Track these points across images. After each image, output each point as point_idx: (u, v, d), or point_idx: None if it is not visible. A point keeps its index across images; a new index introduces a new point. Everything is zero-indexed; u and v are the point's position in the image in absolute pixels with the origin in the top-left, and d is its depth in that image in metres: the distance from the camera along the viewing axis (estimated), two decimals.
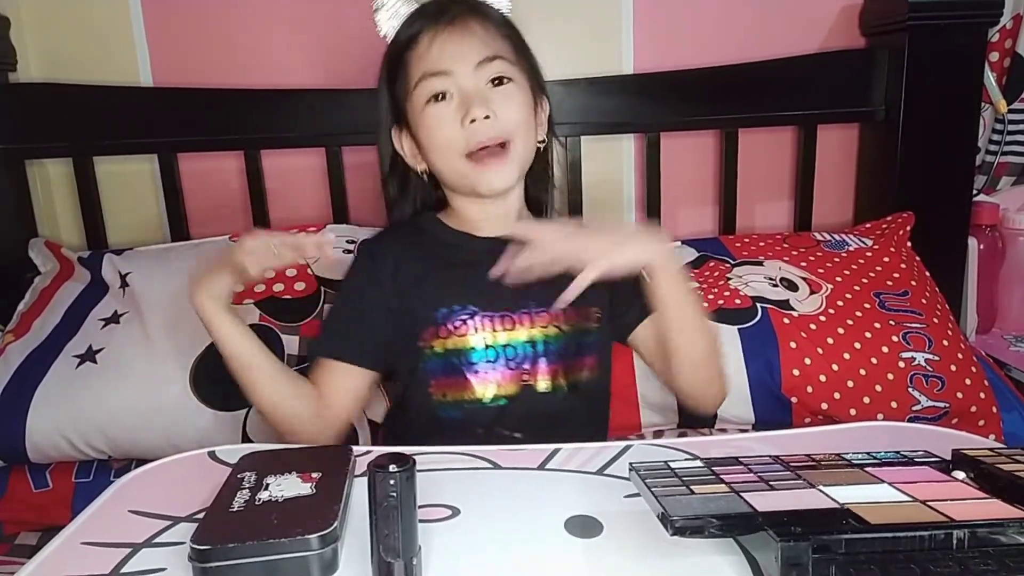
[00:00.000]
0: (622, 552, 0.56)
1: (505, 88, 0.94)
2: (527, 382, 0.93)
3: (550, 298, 0.92)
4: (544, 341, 0.94)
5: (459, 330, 0.93)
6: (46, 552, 0.58)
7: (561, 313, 0.94)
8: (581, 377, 0.95)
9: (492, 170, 0.93)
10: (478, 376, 0.93)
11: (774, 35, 1.43)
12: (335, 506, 0.56)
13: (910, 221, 1.32)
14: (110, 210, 1.44)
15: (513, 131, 0.93)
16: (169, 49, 1.42)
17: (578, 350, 0.95)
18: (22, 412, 1.07)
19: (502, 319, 0.93)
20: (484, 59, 0.92)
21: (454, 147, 0.93)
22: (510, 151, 0.93)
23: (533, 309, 0.94)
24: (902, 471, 0.62)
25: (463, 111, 0.91)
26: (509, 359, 0.93)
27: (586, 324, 0.96)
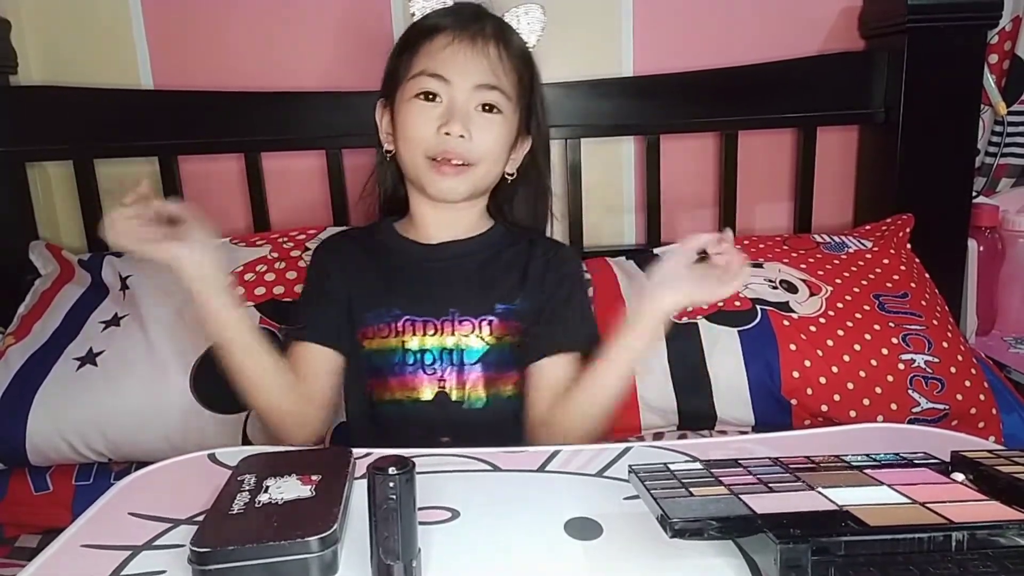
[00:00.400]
0: (622, 554, 0.56)
1: (491, 117, 0.95)
2: (442, 389, 0.94)
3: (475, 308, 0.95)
4: (463, 351, 0.94)
5: (382, 331, 0.95)
6: (46, 555, 0.58)
7: (487, 324, 0.94)
8: (504, 392, 0.95)
9: (447, 180, 0.94)
10: (397, 378, 0.94)
11: (774, 37, 1.44)
12: (335, 508, 0.56)
13: (910, 223, 1.32)
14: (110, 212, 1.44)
15: (480, 158, 0.95)
16: (169, 51, 1.42)
17: (501, 363, 0.95)
18: (22, 415, 1.07)
19: (424, 324, 0.94)
20: (484, 84, 0.94)
21: (422, 145, 0.94)
22: (470, 172, 0.95)
23: (457, 317, 0.95)
24: (901, 473, 0.62)
25: (444, 120, 0.93)
26: (427, 364, 0.94)
27: (512, 339, 0.96)
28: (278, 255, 1.24)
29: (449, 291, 0.96)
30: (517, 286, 0.97)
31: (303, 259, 1.23)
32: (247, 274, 1.21)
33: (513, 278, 0.98)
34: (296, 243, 1.27)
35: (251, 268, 1.22)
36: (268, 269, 1.22)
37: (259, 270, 1.21)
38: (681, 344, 1.13)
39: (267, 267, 1.22)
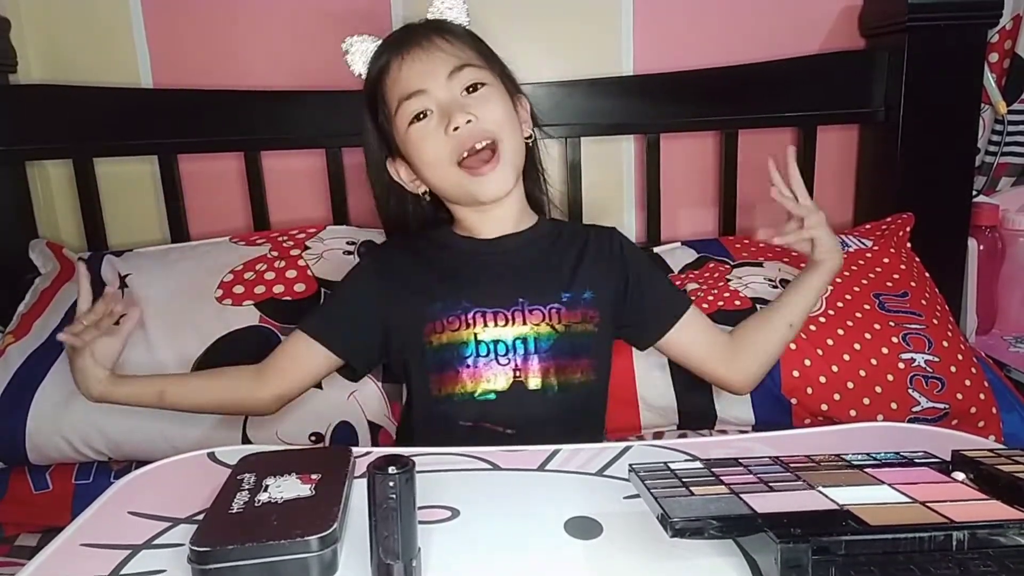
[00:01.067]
0: (622, 553, 0.56)
1: (480, 92, 0.96)
2: (518, 379, 0.94)
3: (543, 296, 0.95)
4: (535, 339, 0.94)
5: (452, 324, 0.95)
6: (46, 553, 0.58)
7: (555, 312, 0.95)
8: (574, 378, 0.96)
9: (488, 177, 0.94)
10: (468, 370, 0.94)
11: (774, 36, 1.44)
12: (334, 508, 0.56)
13: (910, 222, 1.32)
14: (110, 211, 1.44)
15: (497, 130, 0.95)
16: (169, 50, 1.42)
17: (572, 351, 0.96)
18: (22, 413, 1.07)
19: (495, 315, 0.94)
20: (454, 69, 0.94)
21: (443, 157, 0.94)
22: (500, 153, 0.95)
23: (526, 306, 0.95)
24: (902, 472, 0.62)
25: (445, 121, 0.93)
26: (500, 355, 0.94)
27: (582, 326, 0.97)
28: (278, 254, 1.24)
29: (514, 281, 0.97)
30: (576, 274, 0.98)
31: (303, 258, 1.23)
32: (247, 273, 1.21)
33: (570, 266, 0.99)
34: (296, 242, 1.27)
35: (251, 267, 1.22)
36: (268, 268, 1.21)
37: (259, 269, 1.21)
38: None
39: (267, 266, 1.22)
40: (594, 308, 0.97)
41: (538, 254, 1.01)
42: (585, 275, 0.99)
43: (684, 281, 1.24)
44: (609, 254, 1.02)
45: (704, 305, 1.16)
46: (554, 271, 0.99)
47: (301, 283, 1.19)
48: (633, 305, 1.01)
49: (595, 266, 1.00)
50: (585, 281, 0.98)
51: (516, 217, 1.02)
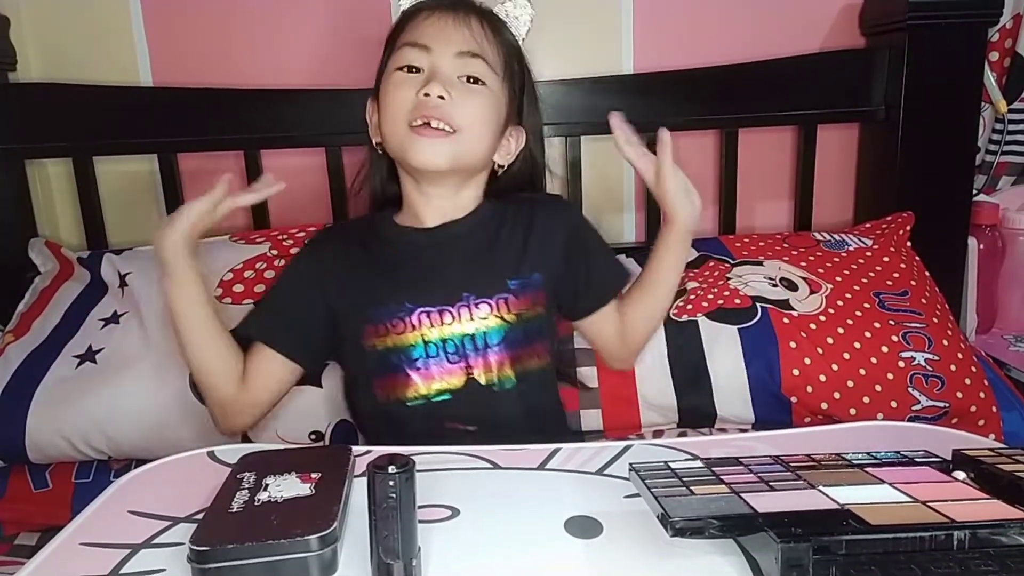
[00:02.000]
0: (622, 553, 0.56)
1: (475, 88, 0.92)
2: (471, 375, 0.91)
3: (490, 288, 0.92)
4: (485, 334, 0.92)
5: (396, 328, 0.91)
6: (45, 552, 0.58)
7: (504, 303, 0.92)
8: (531, 366, 0.94)
9: (427, 142, 0.90)
10: (419, 372, 0.91)
11: (774, 35, 1.43)
12: (334, 507, 0.56)
13: (910, 221, 1.32)
14: (110, 210, 1.44)
15: (463, 125, 0.90)
16: (169, 49, 1.42)
17: (525, 339, 0.93)
18: (22, 412, 1.07)
19: (440, 313, 0.91)
20: (467, 52, 0.91)
21: (401, 113, 0.90)
22: (454, 139, 0.90)
23: (472, 301, 0.92)
24: (902, 471, 0.62)
25: (424, 83, 0.89)
26: (450, 353, 0.91)
27: (532, 311, 0.94)
28: (278, 252, 1.24)
29: (458, 275, 0.93)
30: (523, 257, 0.95)
31: None
32: (247, 271, 1.21)
33: (516, 249, 0.96)
34: (296, 240, 1.27)
35: (251, 265, 1.22)
36: (268, 266, 1.21)
37: (259, 267, 1.21)
38: (681, 342, 1.13)
39: (267, 264, 1.22)
40: (542, 290, 0.95)
41: (483, 241, 0.96)
42: (534, 256, 0.95)
43: (684, 279, 1.23)
44: (557, 226, 0.99)
45: (704, 304, 1.16)
46: (500, 258, 0.95)
47: None
48: (573, 278, 0.99)
49: (543, 243, 0.97)
50: (534, 262, 0.95)
51: (455, 203, 0.97)
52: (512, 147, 1.00)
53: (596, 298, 1.01)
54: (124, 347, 1.13)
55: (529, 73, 1.01)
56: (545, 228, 0.98)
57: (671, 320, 1.15)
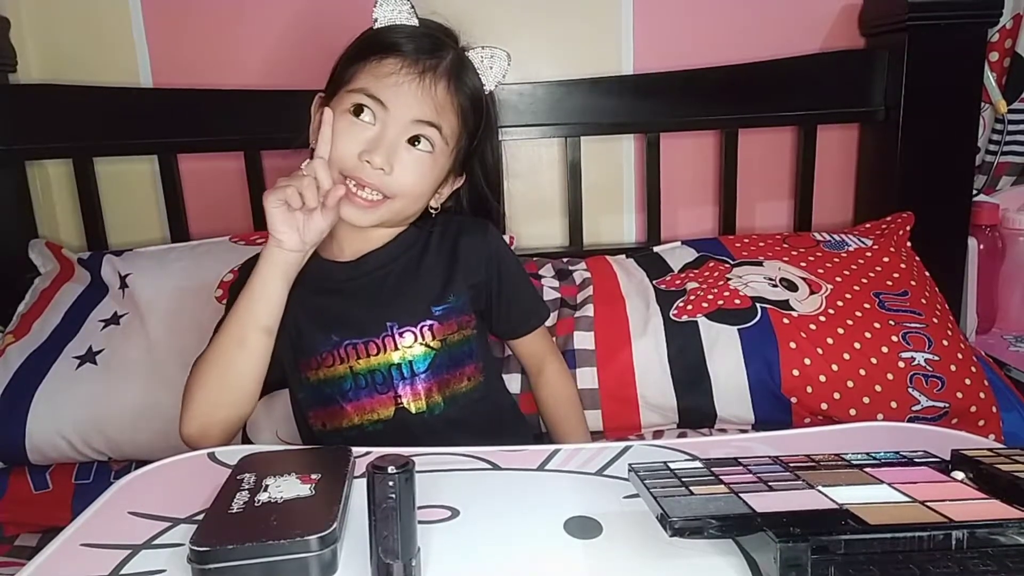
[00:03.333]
0: (621, 553, 0.56)
1: (420, 154, 0.90)
2: (400, 404, 0.92)
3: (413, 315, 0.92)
4: (411, 362, 0.92)
5: (326, 360, 0.92)
6: (46, 553, 0.58)
7: (428, 330, 0.92)
8: (460, 389, 0.94)
9: (356, 208, 0.89)
10: (352, 404, 0.92)
11: (774, 35, 1.44)
12: (334, 507, 0.56)
13: (910, 221, 1.32)
14: (110, 211, 1.44)
15: (397, 193, 0.89)
16: (169, 50, 1.42)
17: (452, 363, 0.93)
18: (22, 413, 1.07)
19: (366, 345, 0.91)
20: (423, 120, 0.89)
21: (339, 164, 0.88)
22: (382, 207, 0.90)
23: (396, 330, 0.92)
24: (901, 471, 0.62)
25: (369, 145, 0.87)
26: (379, 384, 0.91)
27: (459, 334, 0.94)
28: None
29: (381, 304, 0.93)
30: (450, 281, 0.95)
31: None
32: None
33: (440, 274, 0.95)
34: None
35: None
36: None
37: None
38: (681, 342, 1.13)
39: None
40: (469, 313, 0.95)
41: (405, 267, 0.95)
42: (459, 279, 0.95)
43: (684, 280, 1.24)
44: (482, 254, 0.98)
45: (704, 304, 1.16)
46: (423, 284, 0.95)
47: None
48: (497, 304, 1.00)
49: (467, 266, 0.96)
50: (460, 285, 0.95)
51: (382, 236, 0.96)
52: (446, 192, 0.98)
53: (512, 329, 1.04)
54: (124, 348, 1.13)
55: (491, 117, 0.98)
56: (471, 249, 0.97)
57: (671, 321, 1.15)
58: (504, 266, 1.00)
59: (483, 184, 1.02)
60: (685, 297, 1.19)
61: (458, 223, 1.00)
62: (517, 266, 1.04)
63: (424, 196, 0.94)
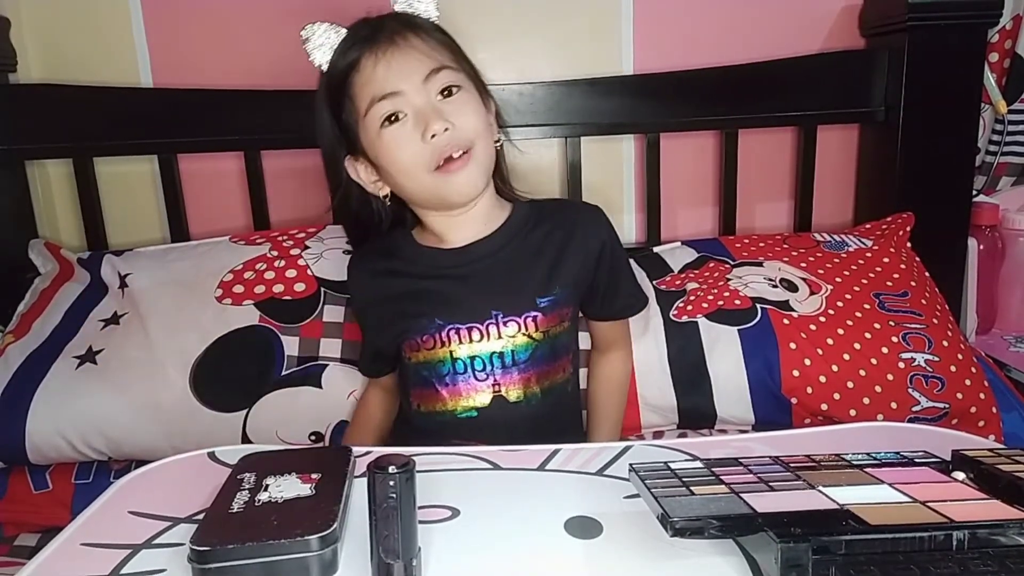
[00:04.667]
0: (622, 553, 0.56)
1: (457, 97, 0.92)
2: (498, 393, 0.93)
3: (517, 306, 0.93)
4: (513, 351, 0.93)
5: (427, 343, 0.94)
6: (46, 553, 0.58)
7: (532, 321, 0.93)
8: (557, 380, 0.95)
9: (460, 176, 0.91)
10: (448, 388, 0.93)
11: (774, 35, 1.43)
12: (335, 507, 0.56)
13: (910, 222, 1.32)
14: (110, 211, 1.44)
15: (473, 138, 0.91)
16: (169, 50, 1.42)
17: (552, 355, 0.95)
18: (22, 413, 1.07)
19: (469, 331, 0.93)
20: (431, 71, 0.90)
21: (420, 164, 0.90)
22: (472, 156, 0.91)
23: (501, 319, 0.93)
24: (902, 472, 0.62)
25: (422, 127, 0.89)
26: (478, 371, 0.93)
27: (560, 327, 0.95)
28: (278, 253, 1.24)
29: (487, 292, 0.94)
30: (556, 271, 0.96)
31: (303, 257, 1.23)
32: (247, 272, 1.21)
33: (547, 263, 0.96)
34: (296, 241, 1.27)
35: (251, 266, 1.22)
36: (268, 267, 1.21)
37: (259, 268, 1.21)
38: (681, 343, 1.13)
39: (267, 265, 1.22)
40: (570, 305, 0.96)
41: (512, 255, 0.97)
42: (566, 270, 0.96)
43: (684, 281, 1.24)
44: (593, 240, 0.99)
45: (704, 304, 1.16)
46: (529, 273, 0.96)
47: (301, 283, 1.19)
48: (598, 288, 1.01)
49: (577, 257, 0.97)
50: (566, 277, 0.96)
51: (485, 219, 0.98)
52: (493, 119, 1.00)
53: (609, 314, 1.05)
54: (124, 348, 1.13)
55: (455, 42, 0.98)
56: (583, 240, 0.99)
57: (671, 321, 1.15)
58: (615, 255, 1.02)
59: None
60: (685, 297, 1.19)
61: (568, 208, 1.04)
62: (623, 252, 1.06)
63: (489, 130, 0.95)
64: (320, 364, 1.12)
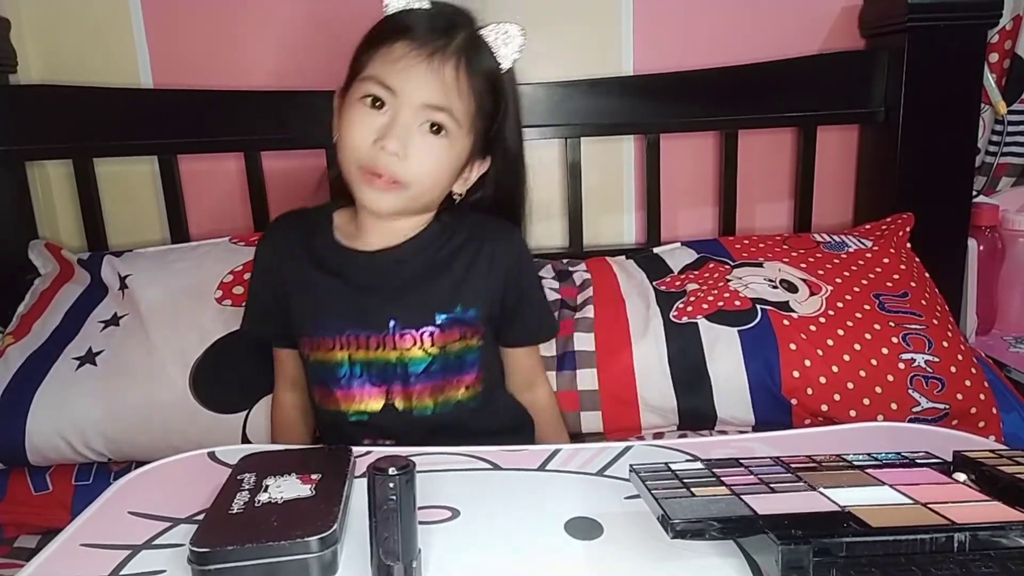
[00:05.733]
0: (622, 554, 0.56)
1: (434, 139, 0.89)
2: (389, 401, 0.93)
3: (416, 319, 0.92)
4: (408, 363, 0.92)
5: (325, 344, 0.93)
6: (45, 554, 0.58)
7: (428, 336, 0.92)
8: (453, 396, 0.94)
9: (375, 193, 0.89)
10: (342, 391, 0.93)
11: (774, 36, 1.43)
12: (335, 508, 0.56)
13: (910, 222, 1.32)
14: (110, 212, 1.44)
15: (412, 180, 0.88)
16: (169, 50, 1.42)
17: (448, 371, 0.94)
18: (22, 414, 1.07)
19: (367, 339, 0.92)
20: (432, 105, 0.87)
21: (355, 154, 0.89)
22: (401, 191, 0.89)
23: (397, 330, 0.92)
24: (903, 473, 0.62)
25: (382, 133, 0.87)
26: (372, 376, 0.92)
27: (461, 343, 0.94)
28: None
29: (388, 302, 0.93)
30: (457, 289, 0.94)
31: None
32: (247, 273, 1.20)
33: (452, 280, 0.94)
34: None
35: (250, 267, 1.21)
36: None
37: None
38: (681, 344, 1.13)
39: None
40: (477, 325, 0.94)
41: (420, 268, 0.95)
42: (470, 289, 0.94)
43: (684, 281, 1.24)
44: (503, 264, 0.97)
45: (704, 305, 1.16)
46: (429, 290, 0.94)
47: None
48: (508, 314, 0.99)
49: (486, 278, 0.95)
50: (470, 295, 0.94)
51: (398, 231, 0.95)
52: (472, 176, 0.97)
53: (514, 339, 1.02)
54: (124, 349, 1.13)
55: (510, 98, 0.95)
56: (493, 261, 0.96)
57: (671, 322, 1.15)
58: (523, 278, 1.00)
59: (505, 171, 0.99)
60: (685, 298, 1.19)
61: (483, 227, 0.98)
62: (534, 278, 1.05)
63: (442, 183, 0.92)
64: None
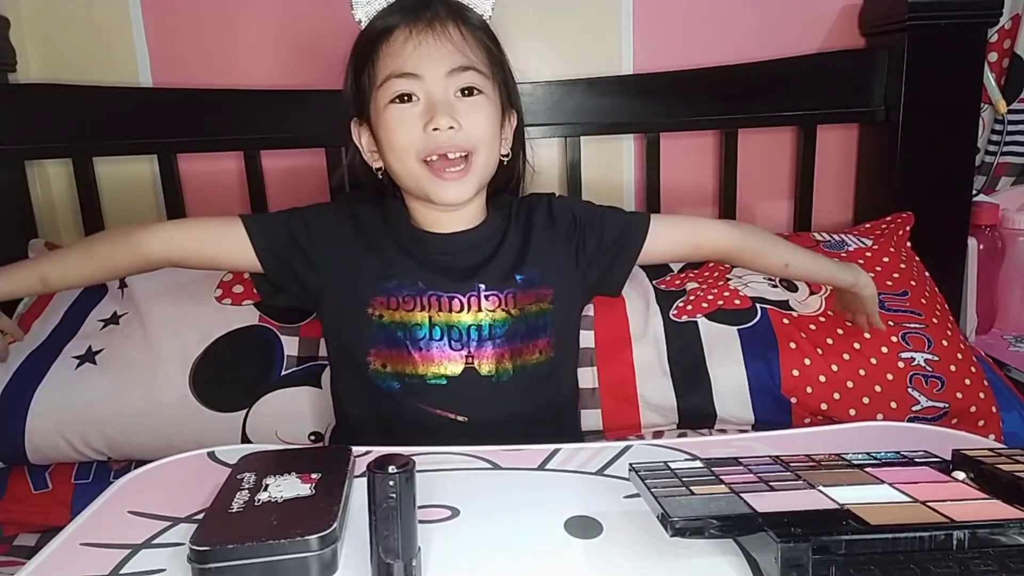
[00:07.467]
0: (622, 553, 0.56)
1: (474, 100, 0.91)
2: (470, 364, 0.92)
3: (500, 282, 0.94)
4: (491, 325, 0.93)
5: (406, 304, 0.92)
6: (45, 553, 0.58)
7: (511, 297, 0.93)
8: (531, 360, 0.95)
9: (450, 184, 0.90)
10: (421, 352, 0.92)
11: (774, 35, 1.43)
12: (334, 507, 0.56)
13: (910, 221, 1.32)
14: (110, 211, 1.44)
15: (476, 144, 0.90)
16: (169, 49, 1.42)
17: (529, 333, 0.94)
18: (22, 413, 1.07)
19: (449, 299, 0.93)
20: (457, 68, 0.89)
21: (412, 149, 0.89)
22: (471, 165, 0.91)
23: (483, 292, 0.93)
24: (902, 471, 0.62)
25: (427, 117, 0.88)
26: (453, 339, 0.92)
27: (536, 306, 0.95)
28: None
29: (471, 267, 0.95)
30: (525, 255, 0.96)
31: None
32: (246, 272, 1.20)
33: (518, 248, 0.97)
34: None
35: None
36: None
37: None
38: (681, 342, 1.13)
39: None
40: (547, 286, 0.96)
41: (492, 243, 0.98)
42: (534, 254, 0.97)
43: (684, 280, 1.24)
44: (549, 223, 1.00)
45: (704, 304, 1.16)
46: (507, 256, 0.96)
47: None
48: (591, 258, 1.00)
49: (540, 241, 0.98)
50: (535, 260, 0.96)
51: (470, 219, 0.98)
52: (509, 135, 0.99)
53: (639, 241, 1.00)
54: (124, 348, 1.13)
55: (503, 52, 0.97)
56: (542, 225, 0.99)
57: (671, 321, 1.15)
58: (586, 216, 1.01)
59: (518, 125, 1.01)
60: (685, 297, 1.19)
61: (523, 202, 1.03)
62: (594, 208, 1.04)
63: (496, 142, 0.94)
64: (320, 364, 1.12)
